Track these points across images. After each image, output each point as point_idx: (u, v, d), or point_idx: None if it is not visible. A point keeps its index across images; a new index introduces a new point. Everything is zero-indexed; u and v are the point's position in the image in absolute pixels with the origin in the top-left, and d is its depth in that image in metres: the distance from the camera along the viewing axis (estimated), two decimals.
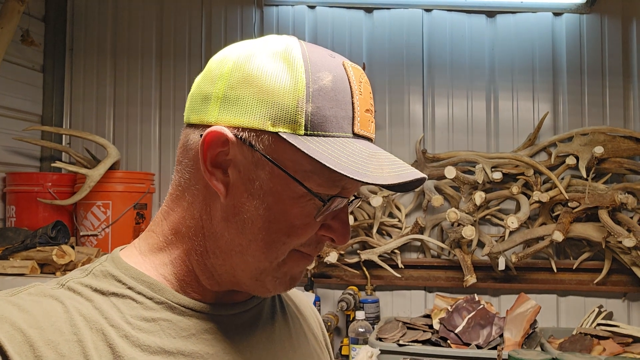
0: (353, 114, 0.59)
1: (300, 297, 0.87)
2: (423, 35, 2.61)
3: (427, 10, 2.61)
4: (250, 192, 0.59)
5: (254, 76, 0.58)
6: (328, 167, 0.54)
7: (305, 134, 0.56)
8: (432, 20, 2.61)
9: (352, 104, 0.59)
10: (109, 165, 2.26)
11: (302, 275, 0.68)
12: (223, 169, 0.60)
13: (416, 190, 2.46)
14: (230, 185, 0.60)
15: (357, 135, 0.60)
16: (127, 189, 2.36)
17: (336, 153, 0.55)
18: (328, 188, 0.59)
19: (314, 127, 0.57)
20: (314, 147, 0.55)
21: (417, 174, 0.60)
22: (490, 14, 2.58)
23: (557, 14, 2.54)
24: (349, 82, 0.60)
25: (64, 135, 2.65)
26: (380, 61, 2.61)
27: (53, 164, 2.46)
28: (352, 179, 0.54)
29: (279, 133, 0.57)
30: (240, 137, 0.58)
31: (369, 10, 2.65)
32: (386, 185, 0.57)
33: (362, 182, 0.55)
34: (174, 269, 0.64)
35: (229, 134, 0.58)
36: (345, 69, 0.61)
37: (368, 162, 0.57)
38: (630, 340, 2.03)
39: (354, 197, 0.68)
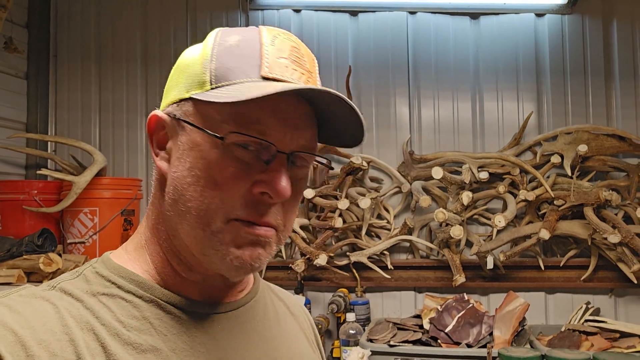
0: (261, 62, 0.60)
1: (292, 299, 0.87)
2: (408, 37, 2.63)
3: (412, 13, 2.64)
4: (179, 159, 0.61)
5: (179, 63, 0.67)
6: (214, 102, 0.57)
7: (211, 89, 0.59)
8: (416, 22, 2.63)
9: (260, 54, 0.61)
10: (96, 171, 2.25)
11: (259, 254, 0.61)
12: (165, 149, 0.65)
13: (404, 191, 2.48)
14: (169, 161, 0.64)
15: (266, 79, 0.59)
16: (115, 195, 2.34)
17: (233, 93, 0.56)
18: (237, 131, 0.59)
19: (218, 80, 0.59)
20: (214, 94, 0.58)
21: (302, 85, 0.59)
22: (474, 15, 2.61)
23: (539, 15, 2.57)
24: (260, 39, 0.62)
25: (49, 143, 2.63)
26: (366, 64, 2.63)
27: (39, 172, 2.43)
28: (227, 103, 0.56)
29: (192, 96, 0.61)
30: (167, 112, 0.64)
31: (354, 13, 2.66)
32: (267, 95, 0.54)
33: (240, 101, 0.54)
34: (154, 264, 0.65)
35: (160, 114, 0.64)
36: (259, 31, 0.63)
37: (255, 90, 0.55)
38: (618, 335, 2.06)
39: (307, 153, 0.63)
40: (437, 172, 2.27)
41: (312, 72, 0.64)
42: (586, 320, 2.18)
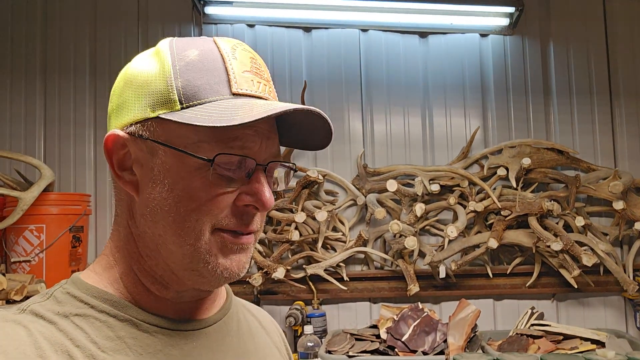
0: (228, 77, 0.61)
1: (263, 313, 0.88)
2: (360, 54, 2.70)
3: (364, 30, 2.71)
4: (153, 181, 0.60)
5: (131, 78, 0.63)
6: (199, 126, 0.56)
7: (182, 108, 0.59)
8: (368, 40, 2.71)
9: (225, 68, 0.61)
10: (43, 187, 2.16)
11: (242, 262, 0.64)
12: (130, 170, 0.63)
13: (358, 204, 2.53)
14: (138, 182, 0.62)
15: (237, 95, 0.60)
16: (62, 211, 2.25)
17: (209, 113, 0.57)
18: (221, 151, 0.59)
19: (188, 99, 0.59)
20: (189, 115, 0.58)
21: (294, 106, 0.58)
22: (423, 34, 2.72)
23: (483, 35, 2.71)
24: (220, 51, 0.62)
25: None
26: (319, 79, 2.67)
27: None
28: (213, 126, 0.55)
29: (159, 115, 0.59)
30: (130, 132, 0.62)
31: (307, 29, 2.71)
32: (255, 121, 0.55)
33: (230, 126, 0.55)
34: (125, 283, 0.64)
35: (120, 133, 0.62)
36: (215, 42, 0.64)
37: (239, 110, 0.57)
38: (561, 337, 2.17)
39: (277, 162, 0.66)
40: (392, 185, 2.33)
41: (269, 81, 0.67)
42: (532, 325, 2.29)
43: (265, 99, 0.63)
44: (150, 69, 0.62)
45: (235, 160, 0.60)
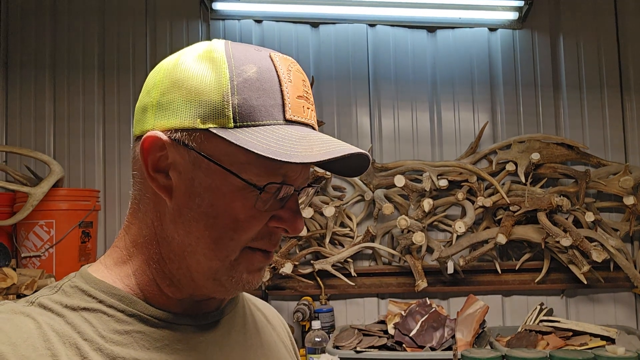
0: (283, 101, 0.60)
1: (268, 308, 0.88)
2: (368, 49, 2.69)
3: (371, 25, 2.70)
4: (192, 191, 0.60)
5: (181, 79, 0.60)
6: (256, 153, 0.55)
7: (235, 126, 0.58)
8: (376, 35, 2.70)
9: (281, 91, 0.60)
10: (53, 182, 2.17)
11: (261, 276, 0.67)
12: (165, 173, 0.62)
13: (366, 199, 2.52)
14: (173, 187, 0.61)
15: (289, 122, 0.60)
16: (72, 206, 2.27)
17: (266, 140, 0.56)
18: (267, 177, 0.59)
19: (243, 118, 0.58)
20: (244, 138, 0.56)
21: (351, 149, 0.59)
22: (431, 29, 2.70)
23: (492, 30, 2.69)
24: (276, 71, 0.61)
25: (0, 153, 2.52)
26: (327, 75, 2.67)
27: None
28: (281, 161, 0.55)
29: (209, 129, 0.58)
30: (174, 138, 0.60)
31: (315, 25, 2.70)
32: (317, 162, 0.56)
33: (291, 163, 0.55)
34: (137, 280, 0.64)
35: (163, 137, 0.60)
36: (272, 59, 0.62)
37: (297, 144, 0.57)
38: (571, 333, 2.16)
39: (308, 185, 0.67)
40: (400, 180, 2.32)
41: (313, 104, 0.66)
42: (541, 321, 2.28)
43: (312, 126, 0.64)
44: (204, 77, 0.60)
45: (277, 186, 0.61)
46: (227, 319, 0.72)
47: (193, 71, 0.60)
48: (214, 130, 0.58)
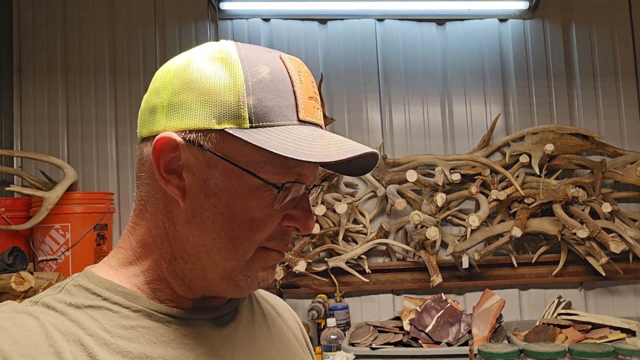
0: (296, 102, 0.61)
1: (279, 301, 0.88)
2: (377, 44, 2.68)
3: (380, 20, 2.68)
4: (207, 192, 0.60)
5: (194, 80, 0.60)
6: (276, 153, 0.55)
7: (251, 127, 0.58)
8: (384, 29, 2.68)
9: (294, 92, 0.61)
10: (67, 186, 2.20)
11: (274, 273, 0.68)
12: (178, 174, 0.61)
13: (378, 195, 2.51)
14: (186, 188, 0.61)
15: (302, 122, 0.61)
16: (87, 210, 2.29)
17: (283, 140, 0.57)
18: (283, 176, 0.60)
19: (258, 119, 0.58)
20: (261, 138, 0.57)
21: (366, 149, 0.60)
22: (440, 22, 2.67)
23: (502, 20, 2.66)
24: (288, 73, 0.61)
25: (14, 158, 2.55)
26: (336, 71, 2.65)
27: (8, 188, 2.36)
28: (301, 160, 0.55)
29: (225, 129, 0.58)
30: (189, 139, 0.59)
31: (323, 21, 2.69)
32: (335, 162, 0.57)
33: (312, 162, 0.56)
34: (146, 279, 0.64)
35: (177, 138, 0.59)
36: (282, 60, 0.62)
37: (314, 143, 0.58)
38: (590, 326, 2.13)
39: (314, 185, 0.68)
40: (412, 175, 2.31)
41: (320, 102, 0.67)
42: (559, 314, 2.24)
43: (321, 127, 0.65)
44: (218, 78, 0.59)
45: (292, 185, 0.61)
46: (235, 312, 0.72)
47: (206, 72, 0.60)
48: (230, 131, 0.58)
